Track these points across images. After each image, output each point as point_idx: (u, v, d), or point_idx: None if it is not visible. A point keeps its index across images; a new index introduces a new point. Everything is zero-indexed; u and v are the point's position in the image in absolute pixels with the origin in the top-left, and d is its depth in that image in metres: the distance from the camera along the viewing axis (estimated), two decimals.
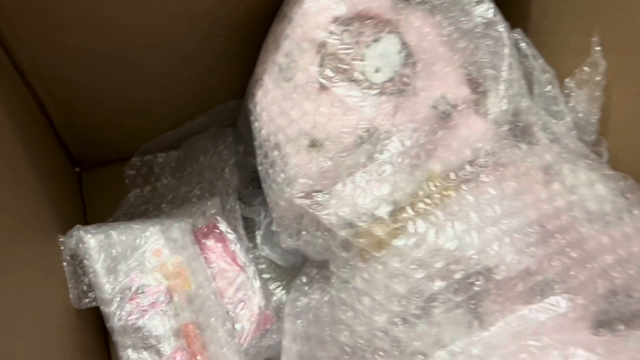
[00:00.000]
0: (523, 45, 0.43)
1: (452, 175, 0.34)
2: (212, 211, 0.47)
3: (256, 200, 0.50)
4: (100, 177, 0.55)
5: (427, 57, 0.37)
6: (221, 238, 0.46)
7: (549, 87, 0.42)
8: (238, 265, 0.45)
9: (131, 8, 0.40)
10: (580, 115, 0.41)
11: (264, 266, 0.49)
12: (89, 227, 0.41)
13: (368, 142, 0.35)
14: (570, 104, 0.41)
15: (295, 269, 0.47)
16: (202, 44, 0.45)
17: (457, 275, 0.31)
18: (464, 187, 0.34)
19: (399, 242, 0.32)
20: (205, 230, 0.47)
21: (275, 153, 0.39)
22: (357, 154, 0.35)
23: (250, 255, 0.45)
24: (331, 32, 0.37)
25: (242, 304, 0.44)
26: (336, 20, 0.37)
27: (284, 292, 0.48)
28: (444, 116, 0.37)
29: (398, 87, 0.36)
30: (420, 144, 0.35)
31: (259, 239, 0.49)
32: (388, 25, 0.38)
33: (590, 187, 0.35)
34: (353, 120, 0.36)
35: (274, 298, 0.48)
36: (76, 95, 0.46)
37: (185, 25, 0.43)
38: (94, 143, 0.53)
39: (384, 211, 0.33)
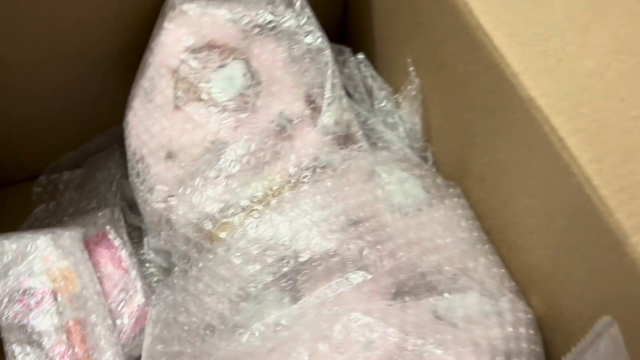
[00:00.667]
0: (363, 67, 0.50)
1: (278, 177, 0.40)
2: (102, 221, 0.53)
3: None
4: (10, 195, 0.60)
5: (267, 79, 0.44)
6: (109, 245, 0.52)
7: (384, 102, 0.49)
8: (123, 268, 0.50)
9: (15, 41, 0.46)
10: (408, 125, 0.47)
11: (153, 269, 0.54)
12: None
13: (210, 152, 0.42)
14: (401, 116, 0.48)
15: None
16: (91, 70, 0.51)
17: (270, 259, 0.37)
18: (286, 187, 0.40)
19: (225, 235, 0.38)
20: (96, 238, 0.53)
21: (140, 165, 0.45)
22: (201, 162, 0.41)
23: (134, 259, 0.51)
24: (182, 60, 0.44)
25: (123, 302, 0.49)
26: (187, 49, 0.44)
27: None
28: (280, 129, 0.43)
29: (239, 105, 0.43)
30: (252, 152, 0.41)
31: (145, 245, 0.54)
32: (233, 53, 0.44)
33: (400, 184, 0.41)
34: (200, 134, 0.42)
35: None
36: None
37: (73, 54, 0.49)
38: (2, 164, 0.58)
39: (214, 208, 0.39)
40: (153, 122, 0.44)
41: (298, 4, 0.45)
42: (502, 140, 0.37)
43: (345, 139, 0.43)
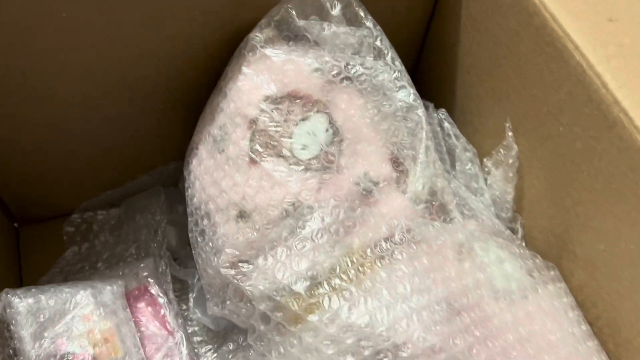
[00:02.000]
0: (447, 125, 0.46)
1: (369, 252, 0.36)
2: (145, 273, 0.48)
3: (191, 263, 0.51)
4: (39, 233, 0.55)
5: (352, 136, 0.40)
6: (152, 301, 0.47)
7: (469, 165, 0.44)
8: (167, 330, 0.45)
9: (69, 75, 0.41)
10: (497, 193, 0.43)
11: (196, 328, 0.49)
12: (18, 291, 0.41)
13: (292, 217, 0.37)
14: (489, 182, 0.44)
15: (227, 331, 0.48)
16: (142, 109, 0.47)
17: (367, 352, 0.32)
18: (378, 263, 0.36)
19: (313, 318, 0.33)
20: (137, 292, 0.47)
21: (205, 222, 0.40)
22: (280, 227, 0.37)
23: (180, 320, 0.46)
24: (262, 110, 0.39)
25: None
26: (267, 98, 0.40)
27: (215, 355, 0.48)
28: (365, 193, 0.39)
29: (323, 164, 0.38)
30: (340, 220, 0.37)
31: (191, 302, 0.49)
32: (316, 105, 0.40)
33: (500, 265, 0.37)
34: (279, 194, 0.38)
35: None
36: (14, 155, 0.47)
37: (125, 92, 0.44)
38: (33, 200, 0.53)
39: (301, 286, 0.35)
40: (223, 175, 0.40)
41: (389, 56, 0.41)
42: (631, 230, 0.33)
43: (437, 209, 0.39)
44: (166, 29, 0.40)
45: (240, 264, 0.38)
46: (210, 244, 0.39)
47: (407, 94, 0.40)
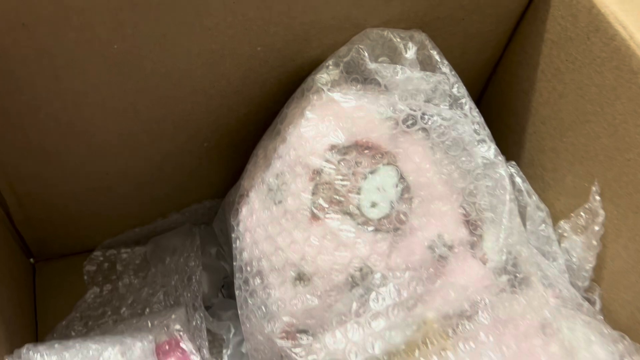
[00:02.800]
0: (518, 179, 0.42)
1: (450, 332, 0.32)
2: (176, 326, 0.43)
3: (226, 313, 0.46)
4: (58, 270, 0.51)
5: (425, 193, 0.36)
6: (184, 358, 0.42)
7: (542, 226, 0.41)
8: None
9: (110, 109, 0.37)
10: (574, 259, 0.39)
11: None
12: (40, 347, 0.37)
13: (361, 286, 0.33)
14: (564, 246, 0.40)
15: None
16: (185, 147, 0.43)
17: None
18: (461, 345, 0.31)
19: None
20: (167, 347, 0.43)
21: (257, 281, 0.36)
22: (348, 297, 0.33)
23: None
24: (327, 160, 0.35)
25: None
26: (333, 148, 0.36)
27: None
28: (440, 259, 0.35)
29: (394, 225, 0.34)
30: (418, 294, 0.33)
31: (226, 359, 0.45)
32: (386, 157, 0.36)
33: (589, 348, 0.33)
34: (345, 257, 0.34)
35: None
36: (41, 191, 0.42)
37: (169, 128, 0.40)
38: (52, 234, 0.49)
39: None
40: (280, 230, 0.36)
41: (467, 105, 0.37)
42: None
43: (520, 282, 0.35)
44: (224, 64, 0.36)
45: (298, 335, 0.34)
46: (263, 308, 0.35)
47: (488, 149, 0.36)
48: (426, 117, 0.36)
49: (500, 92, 0.47)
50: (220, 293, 0.49)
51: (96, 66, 0.33)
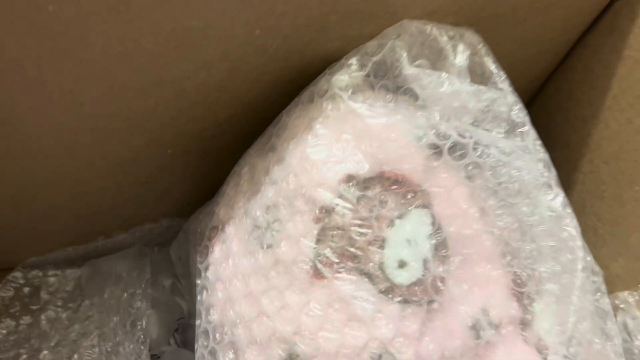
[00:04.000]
0: None
1: None
2: None
3: None
4: None
5: (469, 252, 0.26)
6: None
7: (597, 295, 0.32)
8: None
9: (41, 99, 0.26)
10: (638, 342, 0.31)
11: None
12: None
13: None
14: (621, 321, 0.31)
15: None
16: (142, 153, 0.32)
17: None
18: None
19: None
20: None
21: (229, 356, 0.26)
22: None
23: None
24: (341, 196, 0.25)
25: None
26: (350, 179, 0.26)
27: None
28: (486, 345, 0.25)
29: (429, 295, 0.25)
30: None
31: None
32: (420, 197, 0.26)
33: None
34: (360, 338, 0.24)
35: None
36: None
37: (122, 128, 0.30)
38: None
39: None
40: (266, 288, 0.26)
41: (530, 137, 0.28)
42: None
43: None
44: (206, 49, 0.26)
45: None
46: None
47: (554, 197, 0.27)
48: (480, 148, 0.26)
49: (547, 116, 0.37)
50: (173, 339, 0.39)
51: (21, 35, 0.22)
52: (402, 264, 0.25)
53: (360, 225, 0.25)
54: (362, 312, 0.24)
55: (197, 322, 0.28)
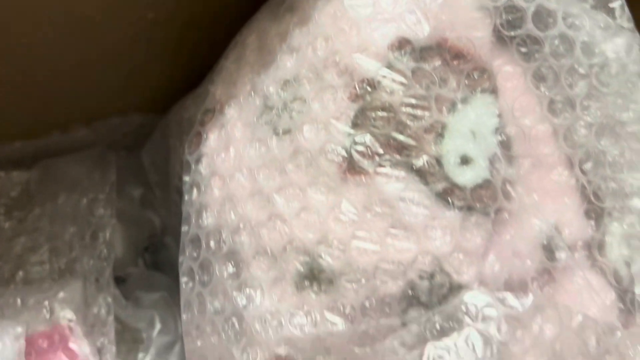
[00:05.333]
0: None
1: None
2: (66, 312, 0.26)
3: (150, 295, 0.30)
4: None
5: (541, 154, 0.20)
6: None
7: None
8: None
9: None
10: None
11: None
12: None
13: (437, 311, 0.17)
14: None
15: None
16: (114, 15, 0.25)
17: None
18: None
19: None
20: (46, 343, 0.26)
21: (228, 270, 0.20)
22: (412, 331, 0.17)
23: None
24: (391, 66, 0.19)
25: None
26: (405, 45, 0.19)
27: None
28: (558, 266, 0.20)
29: (498, 202, 0.19)
30: (534, 339, 0.17)
31: None
32: (487, 78, 0.20)
33: None
34: (407, 251, 0.18)
35: None
36: None
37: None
38: None
39: None
40: (282, 185, 0.19)
41: (623, 11, 0.22)
42: None
43: None
44: None
45: None
46: (235, 321, 0.19)
47: None
48: (570, 18, 0.20)
49: None
50: (142, 259, 0.32)
51: None
52: (465, 160, 0.19)
53: (414, 106, 0.19)
54: (412, 218, 0.18)
55: (184, 228, 0.22)
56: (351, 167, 0.19)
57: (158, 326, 0.29)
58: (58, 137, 0.32)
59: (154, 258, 0.32)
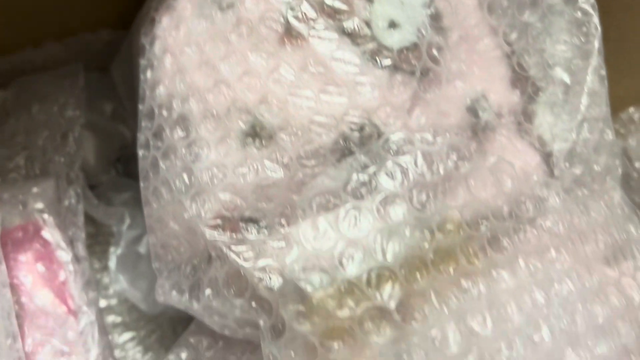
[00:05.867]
0: None
1: (505, 241, 0.19)
2: (38, 204, 0.28)
3: (120, 196, 0.31)
4: None
5: (467, 26, 0.22)
6: (46, 254, 0.27)
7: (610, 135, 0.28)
8: (67, 307, 0.26)
9: None
10: (638, 165, 0.28)
11: (113, 302, 0.30)
12: None
13: (364, 151, 0.19)
14: (624, 147, 0.28)
15: (164, 317, 0.30)
16: None
17: None
18: (522, 263, 0.19)
19: (380, 338, 0.16)
20: (21, 234, 0.28)
21: (178, 134, 0.21)
22: (342, 169, 0.19)
23: (92, 293, 0.27)
24: None
25: None
26: None
27: (140, 348, 0.30)
28: (484, 130, 0.22)
29: (424, 64, 0.21)
30: (461, 175, 0.19)
31: (113, 262, 0.30)
32: None
33: None
34: (339, 105, 0.20)
35: None
36: None
37: None
38: None
39: (389, 295, 0.17)
40: (226, 53, 0.21)
41: None
42: None
43: (593, 178, 0.23)
44: None
45: (243, 225, 0.20)
46: (185, 176, 0.21)
47: None
48: None
49: None
50: (114, 170, 0.34)
51: None
52: (393, 25, 0.21)
53: None
54: (343, 76, 0.20)
55: (140, 106, 0.23)
56: (288, 32, 0.21)
57: (127, 221, 0.30)
58: (31, 54, 0.33)
59: (125, 168, 0.34)
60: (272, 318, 0.18)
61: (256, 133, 0.20)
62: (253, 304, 0.19)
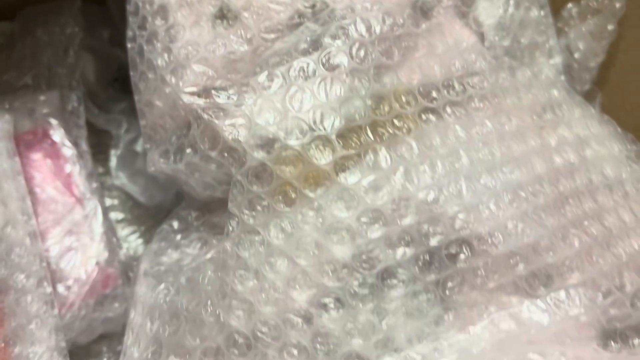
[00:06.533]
0: None
1: (434, 93, 0.23)
2: (45, 110, 0.32)
3: (118, 105, 0.35)
4: None
5: None
6: (54, 152, 0.31)
7: (535, 11, 0.31)
8: (74, 195, 0.30)
9: None
10: (577, 55, 0.31)
11: (115, 201, 0.34)
12: None
13: (313, 21, 0.23)
14: (564, 40, 0.31)
15: (162, 210, 0.34)
16: None
17: (433, 242, 0.19)
18: (449, 110, 0.22)
19: (348, 179, 0.20)
20: (31, 137, 0.32)
21: (159, 21, 0.25)
22: (295, 35, 0.22)
23: (95, 184, 0.31)
24: None
25: (71, 253, 0.29)
26: None
27: (141, 241, 0.34)
28: (422, 11, 0.25)
29: None
30: (396, 36, 0.23)
31: (113, 162, 0.34)
32: None
33: (603, 144, 0.25)
34: None
35: (124, 250, 0.33)
36: None
37: None
38: None
39: (330, 126, 0.21)
40: None
41: None
42: None
43: (524, 51, 0.26)
44: None
45: (215, 92, 0.23)
46: (166, 56, 0.24)
47: None
48: None
49: None
50: (111, 88, 0.37)
51: None
52: None
53: None
54: None
55: (127, 6, 0.27)
56: None
57: (125, 126, 0.34)
58: None
59: (122, 87, 0.37)
60: (247, 164, 0.21)
61: (224, 15, 0.24)
62: (226, 156, 0.22)
